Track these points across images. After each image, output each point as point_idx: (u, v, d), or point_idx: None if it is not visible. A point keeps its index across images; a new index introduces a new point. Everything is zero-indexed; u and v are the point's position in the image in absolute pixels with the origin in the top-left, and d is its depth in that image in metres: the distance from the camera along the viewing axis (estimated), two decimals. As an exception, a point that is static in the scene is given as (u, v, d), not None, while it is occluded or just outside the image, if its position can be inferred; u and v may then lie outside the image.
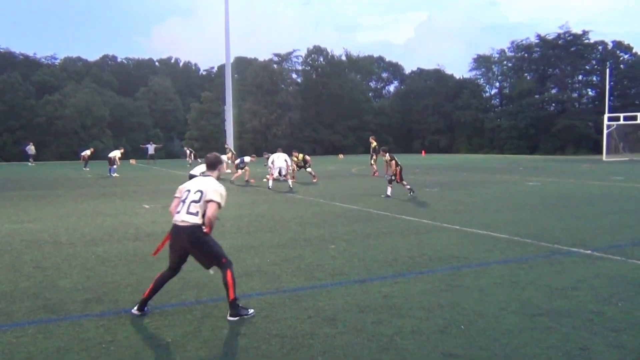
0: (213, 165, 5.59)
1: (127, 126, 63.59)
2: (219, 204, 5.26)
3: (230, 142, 32.48)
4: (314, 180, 21.83)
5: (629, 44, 66.82)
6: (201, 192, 5.29)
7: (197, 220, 5.23)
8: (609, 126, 46.65)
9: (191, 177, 14.27)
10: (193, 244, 5.23)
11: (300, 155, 23.33)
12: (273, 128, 65.17)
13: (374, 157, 26.55)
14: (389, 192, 16.25)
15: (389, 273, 6.99)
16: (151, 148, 44.60)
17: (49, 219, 12.37)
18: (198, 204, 5.25)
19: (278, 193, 17.98)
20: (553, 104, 67.24)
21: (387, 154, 16.96)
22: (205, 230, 5.25)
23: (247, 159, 22.79)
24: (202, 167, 14.38)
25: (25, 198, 17.05)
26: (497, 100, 75.35)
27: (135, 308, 5.45)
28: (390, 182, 16.47)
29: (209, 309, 5.57)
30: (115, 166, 26.66)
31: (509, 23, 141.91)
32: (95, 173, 28.14)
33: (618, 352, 4.35)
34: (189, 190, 5.40)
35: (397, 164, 16.32)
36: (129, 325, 5.11)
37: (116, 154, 26.98)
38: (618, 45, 66.50)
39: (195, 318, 5.31)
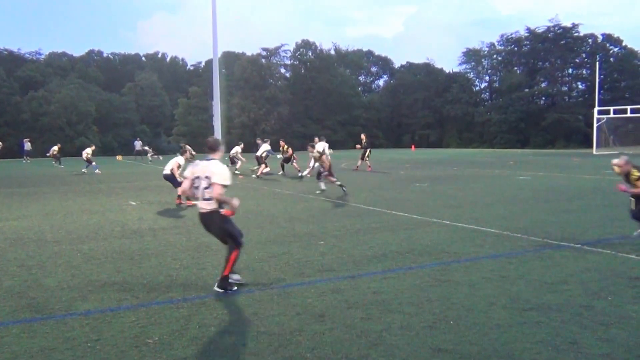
0: (213, 148, 6.15)
1: (114, 122, 63.08)
2: (224, 186, 5.87)
3: (218, 138, 32.57)
4: (302, 174, 21.54)
5: (618, 37, 67.07)
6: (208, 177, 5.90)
7: (213, 204, 5.91)
8: (599, 119, 46.84)
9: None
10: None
11: (286, 147, 23.63)
12: (262, 123, 64.85)
13: (367, 152, 26.64)
14: (322, 187, 15.87)
15: (378, 269, 6.96)
16: (138, 144, 44.35)
17: (33, 216, 12.21)
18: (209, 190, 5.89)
19: (266, 188, 17.89)
20: (543, 98, 67.46)
21: (315, 150, 16.38)
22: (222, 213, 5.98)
23: (237, 149, 23.21)
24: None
25: (9, 195, 16.82)
26: (487, 94, 75.53)
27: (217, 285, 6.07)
28: (319, 176, 15.91)
29: (195, 307, 5.50)
30: (93, 163, 26.54)
31: (498, 16, 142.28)
32: (79, 170, 27.70)
33: (607, 346, 4.34)
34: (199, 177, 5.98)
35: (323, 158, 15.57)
36: (114, 324, 5.03)
37: (87, 150, 26.91)
38: (608, 38, 66.72)
39: (182, 316, 5.24)
